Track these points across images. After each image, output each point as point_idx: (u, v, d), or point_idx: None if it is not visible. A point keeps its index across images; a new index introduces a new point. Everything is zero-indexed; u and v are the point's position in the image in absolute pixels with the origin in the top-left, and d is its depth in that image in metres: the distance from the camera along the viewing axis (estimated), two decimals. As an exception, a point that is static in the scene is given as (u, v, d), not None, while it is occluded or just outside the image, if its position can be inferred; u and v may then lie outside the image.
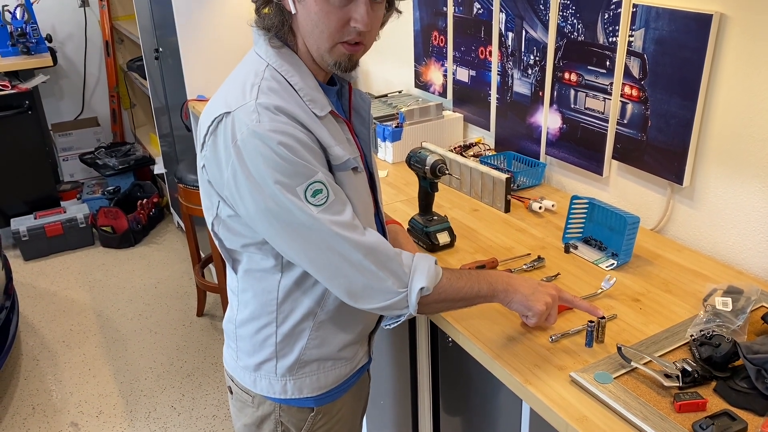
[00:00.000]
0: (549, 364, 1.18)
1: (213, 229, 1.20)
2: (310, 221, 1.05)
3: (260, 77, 1.09)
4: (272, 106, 1.05)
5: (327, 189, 1.07)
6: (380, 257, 1.10)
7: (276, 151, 1.03)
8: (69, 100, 4.54)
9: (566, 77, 1.78)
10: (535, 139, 1.95)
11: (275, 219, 1.07)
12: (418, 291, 1.11)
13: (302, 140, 1.05)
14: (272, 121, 1.04)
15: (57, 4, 4.29)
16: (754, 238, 1.45)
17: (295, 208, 1.05)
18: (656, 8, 1.49)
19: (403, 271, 1.11)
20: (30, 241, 3.66)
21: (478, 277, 1.19)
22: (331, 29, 1.07)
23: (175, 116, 3.34)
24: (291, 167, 1.04)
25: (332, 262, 1.08)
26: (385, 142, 2.18)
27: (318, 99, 1.12)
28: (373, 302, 1.12)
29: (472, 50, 2.11)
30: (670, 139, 1.54)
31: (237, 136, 1.04)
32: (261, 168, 1.03)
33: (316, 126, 1.09)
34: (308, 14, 1.07)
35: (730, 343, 1.12)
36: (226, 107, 1.07)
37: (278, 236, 1.09)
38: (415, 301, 1.11)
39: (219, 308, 3.17)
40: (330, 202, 1.07)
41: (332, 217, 1.07)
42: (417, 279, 1.11)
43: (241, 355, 1.28)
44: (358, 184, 1.17)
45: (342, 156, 1.12)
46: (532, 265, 1.49)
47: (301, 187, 1.04)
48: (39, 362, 2.87)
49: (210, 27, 2.96)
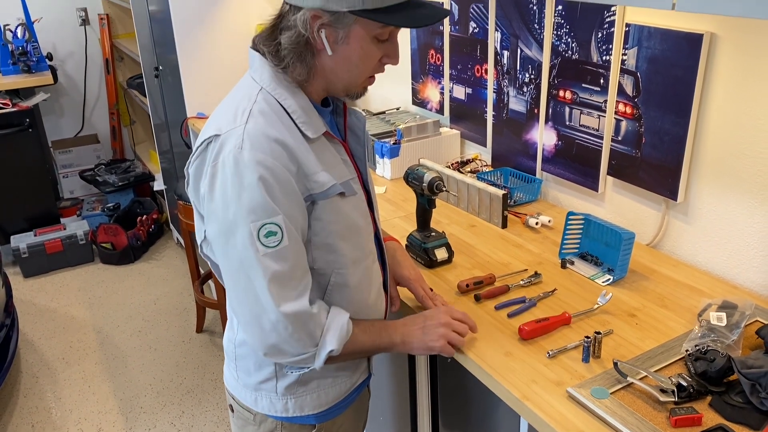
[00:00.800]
0: (546, 380, 1.19)
1: (202, 251, 1.21)
2: (249, 262, 1.06)
3: (252, 101, 1.10)
4: (260, 132, 1.06)
5: (282, 233, 1.06)
6: (299, 322, 1.10)
7: (244, 182, 1.04)
8: (69, 118, 4.57)
9: (561, 95, 1.81)
10: (531, 155, 1.98)
11: (224, 244, 1.09)
12: (327, 353, 1.13)
13: (278, 175, 1.05)
14: (253, 150, 1.04)
15: (58, 23, 4.33)
16: (747, 253, 1.47)
17: (243, 241, 1.06)
18: (648, 28, 1.52)
19: (317, 331, 1.13)
20: (30, 258, 3.67)
21: (380, 331, 1.23)
22: (369, 68, 1.13)
23: (175, 133, 3.37)
24: (253, 201, 1.04)
25: (253, 311, 1.09)
26: (383, 159, 2.20)
27: (312, 121, 1.13)
28: (281, 358, 1.15)
29: (468, 68, 2.14)
30: (663, 155, 1.57)
31: (219, 158, 1.07)
32: (226, 193, 1.05)
33: (304, 151, 1.10)
34: (348, 57, 1.10)
35: (724, 357, 1.13)
36: (217, 130, 1.09)
37: (223, 262, 1.11)
38: (322, 360, 1.14)
39: (218, 324, 3.18)
40: (281, 248, 1.06)
41: (274, 265, 1.06)
42: (328, 341, 1.13)
43: (241, 374, 1.29)
44: (347, 208, 1.17)
45: (325, 183, 1.11)
46: (529, 281, 1.51)
47: (256, 223, 1.05)
48: (38, 379, 2.87)
49: (209, 45, 3.00)
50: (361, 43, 1.08)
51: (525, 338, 1.30)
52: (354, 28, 1.06)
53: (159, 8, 3.05)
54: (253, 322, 1.10)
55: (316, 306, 1.13)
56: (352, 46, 1.08)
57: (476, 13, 2.03)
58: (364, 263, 1.22)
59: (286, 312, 1.08)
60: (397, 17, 1.05)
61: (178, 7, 2.87)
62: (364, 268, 1.22)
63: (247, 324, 1.12)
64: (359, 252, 1.21)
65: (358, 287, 1.22)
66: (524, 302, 1.42)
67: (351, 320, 1.18)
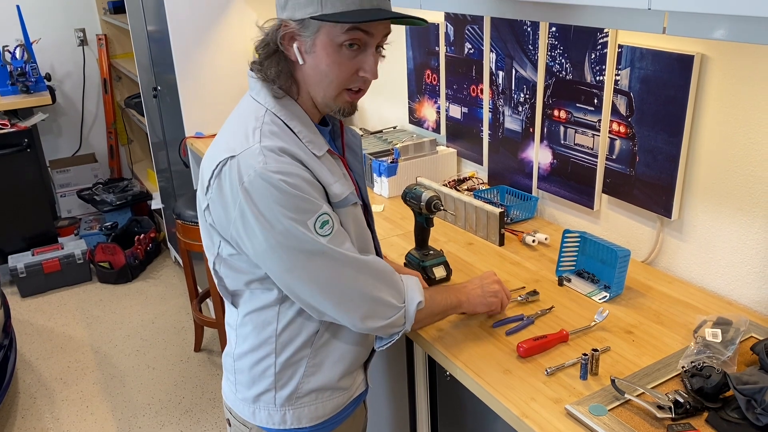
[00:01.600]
0: (545, 397, 1.20)
1: (214, 268, 1.23)
2: (322, 248, 1.13)
3: (261, 121, 1.14)
4: (276, 148, 1.10)
5: (332, 220, 1.14)
6: (382, 276, 1.20)
7: (284, 190, 1.08)
8: (67, 137, 4.59)
9: (556, 114, 1.83)
10: (527, 173, 2.00)
11: (286, 253, 1.12)
12: (416, 305, 1.22)
13: (306, 178, 1.12)
14: (278, 162, 1.09)
15: (56, 44, 4.37)
16: (741, 270, 1.49)
17: (307, 240, 1.11)
18: (640, 49, 1.55)
19: (401, 288, 1.22)
20: (27, 278, 3.67)
21: (447, 292, 1.35)
22: (341, 79, 1.14)
23: (173, 152, 3.39)
24: (299, 203, 1.10)
25: (341, 287, 1.16)
26: (380, 177, 2.22)
27: (316, 140, 1.18)
28: (378, 321, 1.20)
29: (464, 88, 2.17)
30: (657, 173, 1.59)
31: (244, 178, 1.09)
32: (271, 207, 1.09)
33: (317, 165, 1.15)
34: (317, 65, 1.13)
35: (720, 374, 1.14)
36: (230, 151, 1.11)
37: (288, 271, 1.14)
38: (412, 315, 1.23)
39: (216, 343, 3.18)
40: (335, 232, 1.14)
41: (339, 246, 1.15)
42: (412, 295, 1.23)
43: (239, 388, 1.31)
44: (357, 217, 1.24)
45: (341, 193, 1.18)
46: (526, 298, 1.52)
47: (311, 220, 1.11)
48: (36, 400, 2.86)
49: (208, 65, 3.03)
50: (327, 50, 1.11)
51: (523, 356, 1.31)
52: (319, 36, 1.11)
53: (157, 29, 3.09)
54: (347, 300, 1.17)
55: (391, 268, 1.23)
56: (319, 54, 1.12)
57: (471, 35, 2.07)
58: None
59: (369, 267, 1.18)
60: (348, 17, 1.07)
61: (177, 28, 2.90)
62: None
63: (341, 305, 1.17)
64: None
65: None
66: (522, 320, 1.44)
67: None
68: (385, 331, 1.23)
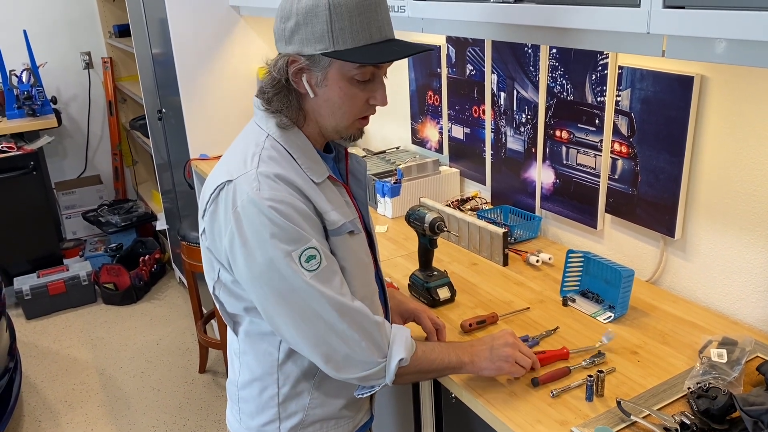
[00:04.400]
0: (551, 419, 1.20)
1: (214, 293, 1.23)
2: (303, 286, 1.09)
3: (261, 146, 1.15)
4: (272, 174, 1.10)
5: (320, 255, 1.11)
6: (364, 326, 1.13)
7: (272, 219, 1.07)
8: (72, 159, 4.62)
9: (557, 134, 1.85)
10: (529, 193, 2.01)
11: (267, 284, 1.11)
12: (397, 362, 1.15)
13: (299, 208, 1.10)
14: (271, 190, 1.09)
15: (62, 67, 4.42)
16: (746, 289, 1.49)
17: (289, 273, 1.09)
18: (641, 70, 1.56)
19: (383, 341, 1.16)
20: (33, 300, 3.68)
21: (447, 350, 1.25)
22: (355, 110, 1.14)
23: (178, 173, 3.41)
24: (286, 234, 1.08)
25: (318, 329, 1.12)
26: (384, 198, 2.24)
27: (316, 167, 1.18)
28: (353, 372, 1.15)
29: (466, 109, 2.19)
30: (660, 193, 1.60)
31: (237, 203, 1.09)
32: (258, 233, 1.08)
33: (314, 193, 1.14)
34: (329, 98, 1.13)
35: (726, 395, 1.14)
36: (228, 176, 1.12)
37: (268, 302, 1.13)
38: (393, 372, 1.16)
39: (221, 364, 3.17)
40: (322, 268, 1.11)
41: (323, 284, 1.11)
42: (396, 350, 1.16)
43: (243, 417, 1.30)
44: (355, 246, 1.21)
45: (337, 221, 1.16)
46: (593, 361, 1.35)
47: (296, 252, 1.09)
48: (41, 423, 2.85)
49: (212, 88, 3.05)
50: (339, 84, 1.11)
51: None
52: (330, 71, 1.11)
53: (162, 51, 3.12)
54: (321, 343, 1.12)
55: (379, 317, 1.17)
56: (332, 88, 1.12)
57: (473, 56, 2.09)
58: (372, 300, 1.25)
59: (350, 313, 1.11)
60: (362, 55, 1.07)
61: (181, 51, 2.94)
62: (372, 305, 1.25)
63: (316, 347, 1.13)
64: (367, 289, 1.24)
65: None
66: (527, 341, 1.44)
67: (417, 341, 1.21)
68: (363, 382, 1.18)
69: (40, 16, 4.29)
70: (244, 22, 3.02)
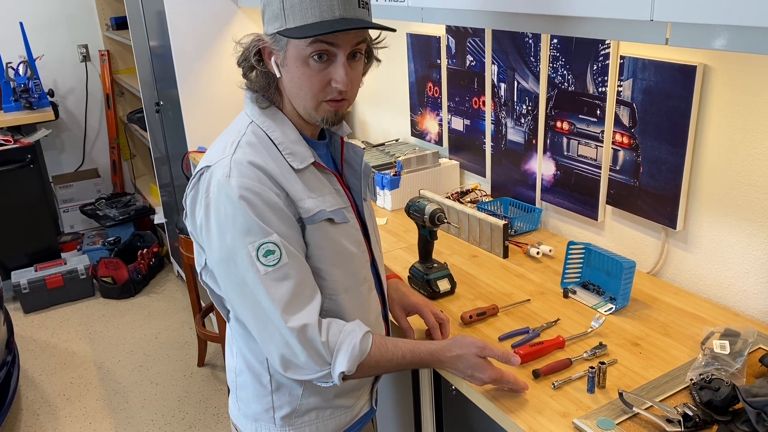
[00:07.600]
0: (552, 411, 1.19)
1: (202, 279, 1.24)
2: (255, 281, 1.09)
3: (242, 133, 1.16)
4: (246, 161, 1.11)
5: (281, 251, 1.09)
6: (307, 335, 1.10)
7: (236, 207, 1.08)
8: (70, 152, 4.60)
9: (558, 126, 1.83)
10: (530, 185, 2.00)
11: (225, 272, 1.12)
12: (338, 374, 1.12)
13: (267, 198, 1.09)
14: (241, 176, 1.09)
15: (59, 60, 4.39)
16: (748, 280, 1.48)
17: (245, 265, 1.09)
18: (642, 60, 1.55)
19: (326, 352, 1.12)
20: (30, 294, 3.67)
21: (415, 345, 1.21)
22: (314, 91, 1.13)
23: (176, 166, 3.39)
24: (247, 224, 1.08)
25: (267, 326, 1.11)
26: (383, 190, 2.22)
27: (298, 152, 1.17)
28: (298, 375, 1.14)
29: (466, 100, 2.17)
30: (661, 184, 1.58)
31: (210, 188, 1.11)
32: (222, 221, 1.09)
33: (291, 179, 1.14)
34: (291, 78, 1.13)
35: (729, 386, 1.13)
36: (208, 162, 1.14)
37: (227, 288, 1.15)
38: (337, 380, 1.13)
39: (220, 358, 3.16)
40: (281, 265, 1.09)
41: (276, 282, 1.09)
42: (339, 362, 1.12)
43: (241, 404, 1.31)
44: (336, 235, 1.19)
45: (312, 209, 1.15)
46: (594, 352, 1.34)
47: (254, 244, 1.08)
48: (39, 417, 2.84)
49: (210, 80, 3.03)
50: (296, 63, 1.11)
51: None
52: (288, 49, 1.11)
53: (159, 44, 3.10)
54: (269, 341, 1.12)
55: (326, 323, 1.13)
56: (291, 68, 1.12)
57: (473, 47, 2.07)
58: (358, 290, 1.24)
59: (293, 327, 1.09)
60: (303, 30, 1.06)
61: (179, 43, 2.92)
62: (358, 295, 1.24)
63: (264, 343, 1.14)
64: (351, 279, 1.23)
65: (352, 315, 1.23)
66: (528, 332, 1.43)
67: (374, 336, 1.17)
68: (313, 382, 1.17)
69: (37, 8, 4.26)
70: (242, 13, 3.00)
